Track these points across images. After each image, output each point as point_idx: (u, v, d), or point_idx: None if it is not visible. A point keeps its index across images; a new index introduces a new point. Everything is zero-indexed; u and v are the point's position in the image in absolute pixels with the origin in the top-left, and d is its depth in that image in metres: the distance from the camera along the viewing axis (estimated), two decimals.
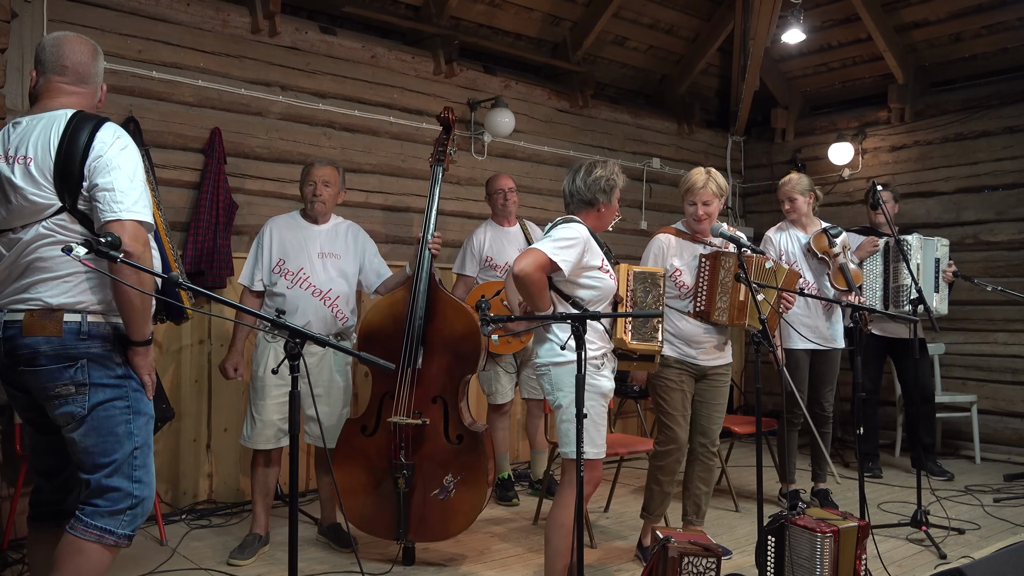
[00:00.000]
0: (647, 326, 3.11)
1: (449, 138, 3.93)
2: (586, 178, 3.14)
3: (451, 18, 5.70)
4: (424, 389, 3.63)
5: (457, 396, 3.62)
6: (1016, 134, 6.19)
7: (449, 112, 3.94)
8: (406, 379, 3.61)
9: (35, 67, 2.43)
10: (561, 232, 3.03)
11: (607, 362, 3.09)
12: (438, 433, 3.61)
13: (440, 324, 3.65)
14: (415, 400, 3.61)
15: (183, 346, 4.50)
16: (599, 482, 3.17)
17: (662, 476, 3.74)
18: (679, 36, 7.01)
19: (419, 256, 3.69)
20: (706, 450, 3.82)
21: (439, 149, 3.91)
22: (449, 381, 3.63)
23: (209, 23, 4.65)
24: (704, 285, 3.63)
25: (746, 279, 3.23)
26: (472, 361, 3.63)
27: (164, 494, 4.36)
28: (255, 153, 4.83)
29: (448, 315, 3.65)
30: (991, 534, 4.23)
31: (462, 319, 3.64)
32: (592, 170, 3.15)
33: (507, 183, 4.91)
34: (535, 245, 3.01)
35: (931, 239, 5.35)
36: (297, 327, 2.00)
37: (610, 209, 3.19)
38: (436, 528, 3.60)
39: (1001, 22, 6.11)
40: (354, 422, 3.73)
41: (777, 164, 7.53)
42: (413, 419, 3.58)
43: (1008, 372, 6.18)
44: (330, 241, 3.90)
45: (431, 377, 3.62)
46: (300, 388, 1.98)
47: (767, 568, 3.08)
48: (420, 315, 3.63)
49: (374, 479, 3.63)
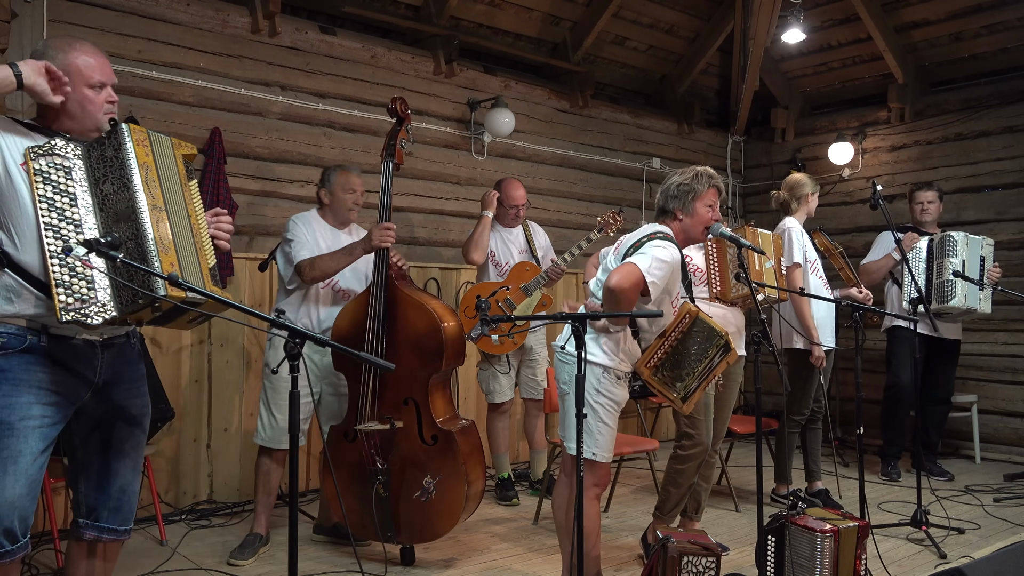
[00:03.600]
0: (680, 370, 3.00)
1: (402, 130, 3.72)
2: (666, 183, 3.14)
3: (451, 18, 5.70)
4: (392, 392, 3.57)
5: (428, 396, 3.55)
6: (1016, 134, 6.19)
7: (399, 103, 3.72)
8: (368, 384, 3.56)
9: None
10: (657, 252, 2.91)
11: (627, 378, 3.09)
12: (412, 435, 3.55)
13: (401, 324, 3.59)
14: (383, 404, 3.56)
15: (183, 346, 4.50)
16: (606, 485, 3.17)
17: (682, 480, 3.73)
18: (679, 36, 7.01)
19: (376, 257, 3.62)
20: (711, 449, 3.85)
21: (390, 143, 3.70)
22: (416, 381, 3.55)
23: (209, 23, 4.65)
24: (715, 268, 3.74)
25: (746, 279, 3.23)
26: (436, 359, 3.52)
27: (164, 494, 4.36)
28: (255, 153, 4.83)
29: (408, 315, 3.58)
30: (991, 534, 4.23)
31: (422, 317, 3.55)
32: (672, 176, 3.14)
33: (522, 197, 4.84)
34: (631, 260, 2.89)
35: (976, 237, 5.29)
36: (297, 327, 2.00)
37: (693, 218, 3.10)
38: (423, 530, 3.58)
39: (1001, 22, 6.11)
40: (337, 429, 3.71)
41: (777, 164, 7.54)
42: (381, 424, 3.53)
43: (1008, 372, 6.18)
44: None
45: (398, 379, 3.55)
46: (300, 388, 1.98)
47: (767, 568, 3.08)
48: (380, 317, 3.57)
49: (359, 484, 3.61)
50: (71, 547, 2.50)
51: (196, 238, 2.32)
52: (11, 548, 2.21)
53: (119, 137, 2.21)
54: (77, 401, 2.35)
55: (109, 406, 2.41)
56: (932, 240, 5.29)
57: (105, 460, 2.43)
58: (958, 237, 5.20)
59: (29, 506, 2.25)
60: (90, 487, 2.44)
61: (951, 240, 5.20)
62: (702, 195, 3.10)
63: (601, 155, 6.64)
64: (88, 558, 2.47)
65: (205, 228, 2.38)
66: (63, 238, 2.15)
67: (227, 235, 2.46)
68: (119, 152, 2.20)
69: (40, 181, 2.18)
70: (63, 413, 2.32)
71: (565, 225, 6.28)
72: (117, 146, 2.21)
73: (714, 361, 3.02)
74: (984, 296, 5.25)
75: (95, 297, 2.14)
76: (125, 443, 2.45)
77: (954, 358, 5.64)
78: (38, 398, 2.25)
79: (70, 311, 2.12)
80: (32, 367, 2.25)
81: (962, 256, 5.17)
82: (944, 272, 5.19)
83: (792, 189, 4.71)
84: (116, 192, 2.19)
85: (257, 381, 4.75)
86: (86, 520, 2.44)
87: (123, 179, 2.19)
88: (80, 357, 2.31)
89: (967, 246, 5.21)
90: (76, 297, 2.13)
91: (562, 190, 6.38)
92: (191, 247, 2.28)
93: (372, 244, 3.61)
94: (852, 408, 6.47)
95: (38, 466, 2.26)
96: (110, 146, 2.21)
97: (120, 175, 2.19)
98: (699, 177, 3.11)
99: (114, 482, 2.44)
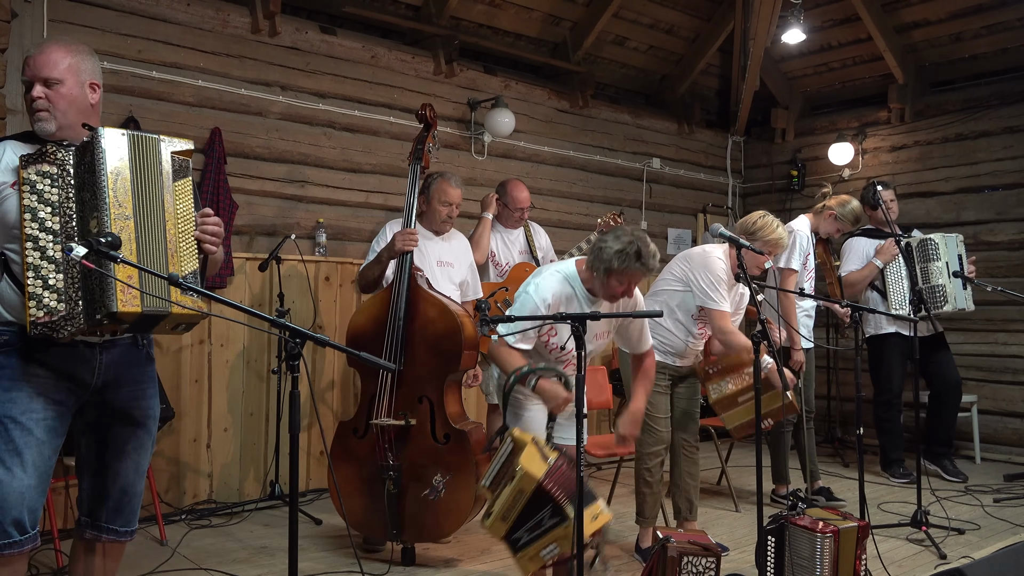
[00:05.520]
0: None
1: (429, 135, 3.91)
2: (601, 241, 3.00)
3: (451, 18, 5.70)
4: (408, 389, 3.61)
5: (443, 395, 3.60)
6: (1016, 134, 6.19)
7: (428, 109, 3.91)
8: (387, 380, 3.61)
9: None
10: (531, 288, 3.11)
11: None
12: (425, 433, 3.59)
13: (421, 323, 3.64)
14: (399, 401, 3.60)
15: (183, 346, 4.50)
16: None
17: (650, 478, 3.80)
18: (679, 36, 7.01)
19: (399, 260, 3.70)
20: (689, 445, 3.96)
21: (418, 147, 3.89)
22: (433, 380, 3.61)
23: (209, 23, 4.65)
24: (726, 366, 3.89)
25: (746, 279, 3.23)
26: (455, 359, 3.59)
27: (164, 494, 4.36)
28: (255, 153, 4.83)
29: (429, 314, 3.64)
30: (991, 534, 4.23)
31: (443, 318, 3.62)
32: (614, 239, 2.96)
33: (527, 200, 4.80)
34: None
35: (950, 235, 5.26)
36: (297, 327, 1.99)
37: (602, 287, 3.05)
38: (430, 528, 3.60)
39: (1001, 22, 6.11)
40: (346, 424, 3.75)
41: (777, 164, 7.54)
42: (396, 420, 3.57)
43: (1008, 372, 6.18)
44: (447, 251, 4.09)
45: (414, 377, 3.61)
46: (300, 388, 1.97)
47: (767, 568, 3.08)
48: (401, 316, 3.63)
49: (367, 481, 3.63)
50: (74, 544, 2.51)
51: (171, 244, 2.26)
52: (20, 539, 2.21)
53: (93, 143, 2.20)
54: (77, 400, 2.35)
55: (107, 408, 2.41)
56: (909, 244, 5.25)
57: (104, 460, 2.43)
58: (938, 239, 5.18)
59: (38, 498, 2.26)
60: (90, 487, 2.45)
61: (932, 243, 5.17)
62: (616, 273, 2.93)
63: (601, 155, 6.64)
64: (89, 555, 2.48)
65: (189, 231, 2.32)
66: (40, 249, 2.16)
67: (213, 237, 2.37)
68: (93, 159, 2.18)
69: (27, 191, 2.18)
70: (66, 409, 2.33)
71: (565, 225, 6.27)
72: (92, 152, 2.19)
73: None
74: (967, 295, 5.27)
75: (62, 310, 2.15)
76: (126, 444, 2.44)
77: (945, 347, 5.58)
78: (40, 393, 2.26)
79: (38, 325, 2.14)
80: (33, 364, 2.26)
81: (945, 258, 5.16)
82: (931, 277, 5.16)
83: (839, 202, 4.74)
84: (91, 200, 2.19)
85: (258, 381, 4.75)
86: (87, 519, 2.45)
87: (94, 187, 2.18)
88: (78, 358, 2.31)
89: (946, 247, 5.20)
90: (46, 311, 2.14)
91: (562, 190, 6.38)
92: (161, 254, 2.23)
93: (396, 248, 3.72)
94: (852, 408, 6.46)
95: (45, 458, 2.27)
96: (88, 152, 2.20)
97: (92, 182, 2.18)
98: (627, 257, 2.91)
99: (115, 483, 2.43)
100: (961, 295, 5.20)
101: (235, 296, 4.65)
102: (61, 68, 2.30)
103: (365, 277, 3.93)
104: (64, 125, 2.31)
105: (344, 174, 5.19)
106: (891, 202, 5.37)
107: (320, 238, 5.00)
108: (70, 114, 2.32)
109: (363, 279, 3.96)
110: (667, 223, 7.16)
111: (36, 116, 2.29)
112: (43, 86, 2.28)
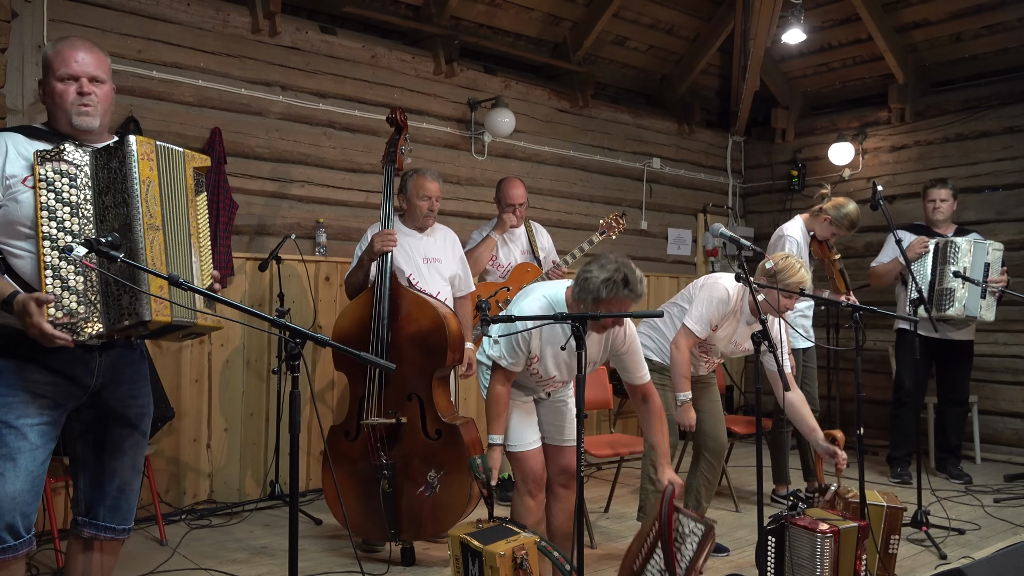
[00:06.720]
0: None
1: (400, 138, 3.97)
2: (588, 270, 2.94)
3: (451, 18, 5.70)
4: (396, 388, 3.63)
5: (432, 392, 3.62)
6: (1016, 134, 6.19)
7: (399, 112, 3.98)
8: (375, 380, 3.63)
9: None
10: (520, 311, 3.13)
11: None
12: (416, 430, 3.61)
13: (404, 322, 3.67)
14: (388, 400, 3.62)
15: (183, 346, 4.49)
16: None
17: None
18: (679, 36, 7.01)
19: (380, 261, 3.73)
20: (717, 448, 3.93)
21: (390, 150, 3.94)
22: (421, 377, 3.63)
23: (209, 23, 4.64)
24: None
25: (746, 278, 3.22)
26: (440, 354, 3.62)
27: (164, 494, 4.36)
28: (255, 153, 4.83)
29: (412, 312, 3.67)
30: (991, 534, 4.23)
31: (426, 314, 3.65)
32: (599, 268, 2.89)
33: (520, 196, 4.77)
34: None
35: (983, 242, 5.20)
36: (297, 327, 1.99)
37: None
38: (428, 525, 3.60)
39: (1001, 22, 6.11)
40: (337, 428, 3.76)
41: (777, 164, 7.53)
42: (387, 419, 3.59)
43: (1008, 372, 6.18)
44: (433, 247, 4.08)
45: (402, 375, 3.62)
46: (300, 389, 1.97)
47: (767, 568, 3.08)
48: (384, 316, 3.65)
49: (362, 483, 3.64)
50: (70, 543, 2.51)
51: (195, 257, 2.30)
52: (13, 544, 2.21)
53: (124, 149, 2.19)
54: (74, 403, 2.35)
55: (104, 407, 2.41)
56: (938, 244, 5.23)
57: (102, 460, 2.43)
58: (961, 243, 5.13)
59: (32, 503, 2.26)
60: (88, 486, 2.45)
61: (953, 246, 5.13)
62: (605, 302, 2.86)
63: (601, 155, 6.64)
64: (86, 553, 2.48)
65: (208, 245, 2.37)
66: (59, 248, 2.15)
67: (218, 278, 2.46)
68: (123, 165, 2.18)
69: (44, 188, 2.17)
70: (61, 412, 2.33)
71: (565, 225, 6.27)
72: (122, 158, 2.19)
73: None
74: (986, 304, 5.15)
75: (82, 312, 2.14)
76: (123, 443, 2.45)
77: (966, 359, 5.52)
78: (35, 397, 2.26)
79: (58, 326, 2.12)
80: (29, 369, 2.25)
81: (963, 263, 5.10)
82: (945, 279, 5.12)
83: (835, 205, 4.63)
84: (116, 206, 2.18)
85: (258, 381, 4.75)
86: (84, 518, 2.45)
87: (123, 193, 2.17)
88: (77, 361, 2.31)
89: (971, 252, 5.13)
90: (65, 311, 2.14)
91: (562, 190, 6.38)
92: (187, 266, 2.26)
93: (376, 250, 3.73)
94: (852, 408, 6.46)
95: (39, 463, 2.26)
96: (115, 158, 2.20)
97: (121, 189, 2.18)
98: (615, 285, 2.83)
99: (112, 481, 2.44)
100: (975, 303, 5.10)
101: (235, 296, 4.65)
102: (105, 68, 2.35)
103: (350, 283, 3.96)
104: (103, 123, 2.35)
105: (344, 174, 5.19)
106: (941, 202, 5.36)
107: (320, 238, 5.00)
108: (107, 114, 2.36)
109: (349, 286, 3.98)
110: (667, 223, 7.16)
111: (81, 110, 2.28)
112: (90, 83, 2.30)
